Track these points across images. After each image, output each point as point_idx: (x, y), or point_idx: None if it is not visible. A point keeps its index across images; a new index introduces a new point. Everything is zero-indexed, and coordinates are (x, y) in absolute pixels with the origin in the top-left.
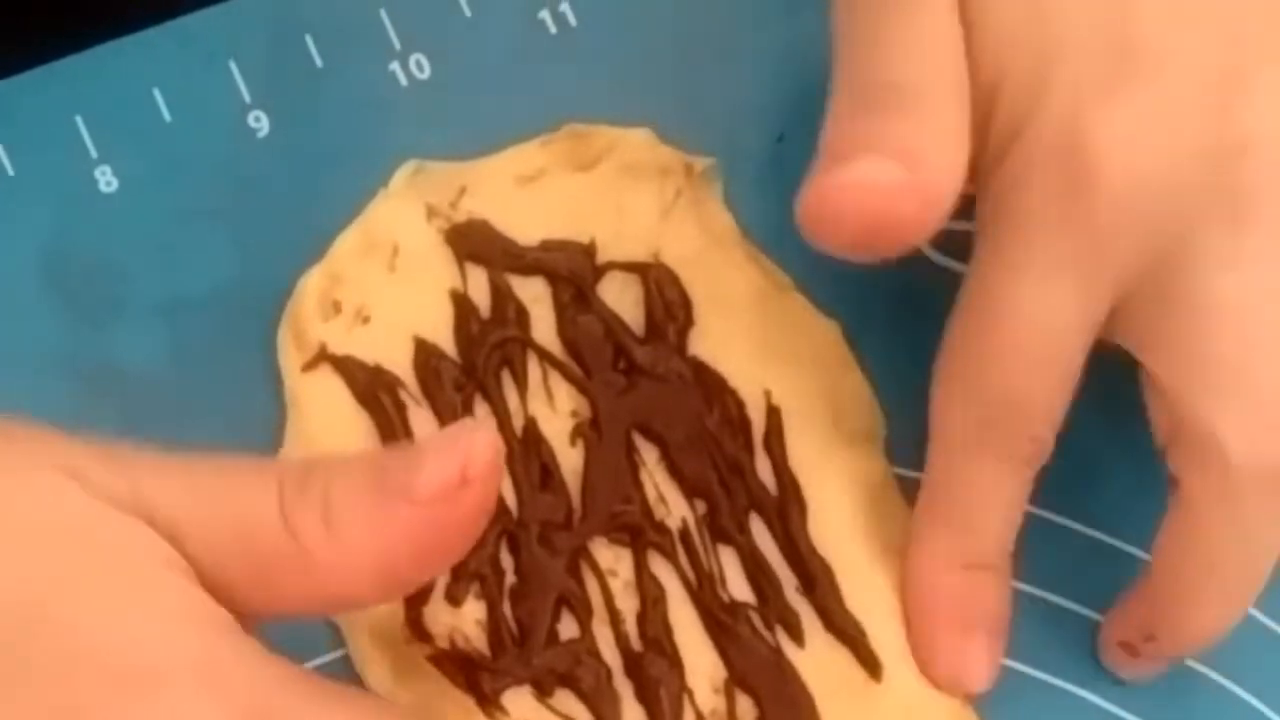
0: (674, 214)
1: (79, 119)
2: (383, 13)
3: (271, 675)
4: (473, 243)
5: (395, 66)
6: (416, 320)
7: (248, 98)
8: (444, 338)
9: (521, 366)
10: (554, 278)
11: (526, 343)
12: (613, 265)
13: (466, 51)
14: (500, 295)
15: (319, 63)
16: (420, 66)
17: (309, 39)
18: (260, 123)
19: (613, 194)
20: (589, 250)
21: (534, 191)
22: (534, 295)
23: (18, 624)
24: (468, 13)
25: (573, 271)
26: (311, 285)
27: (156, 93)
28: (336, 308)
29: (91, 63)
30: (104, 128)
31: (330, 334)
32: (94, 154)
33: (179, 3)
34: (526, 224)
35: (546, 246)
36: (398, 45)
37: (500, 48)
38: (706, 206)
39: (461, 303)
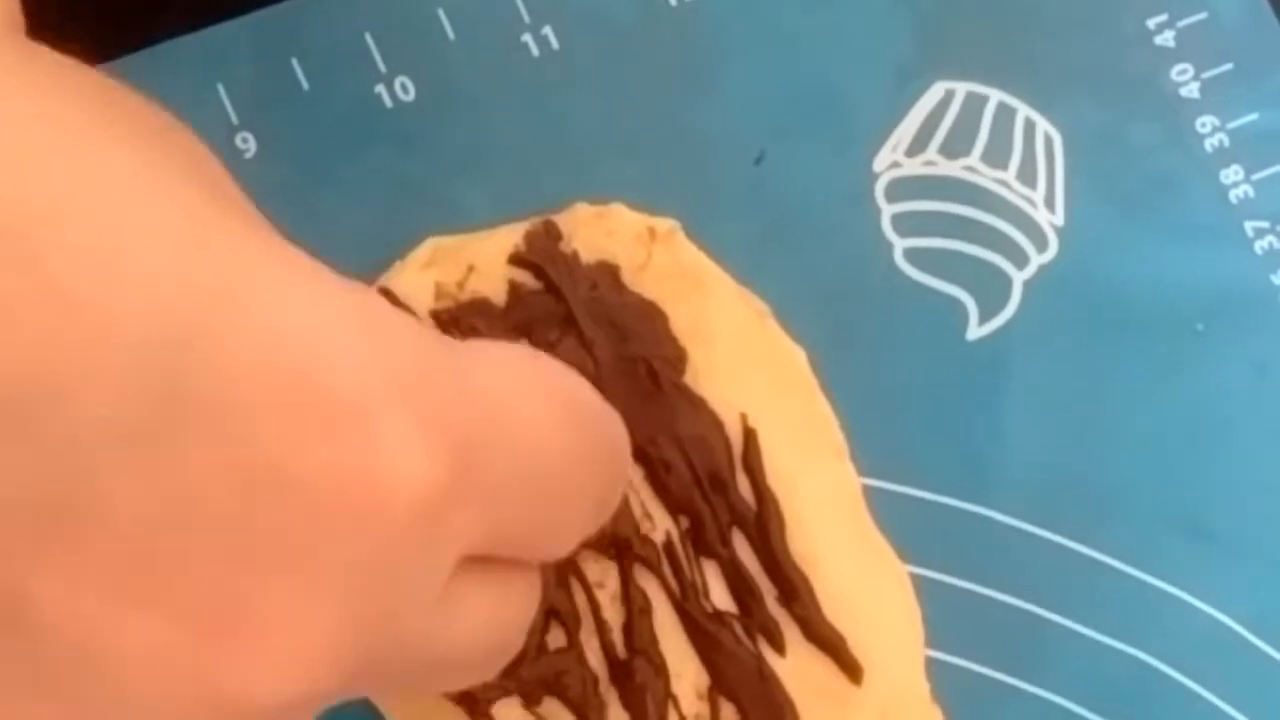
0: (650, 267)
1: None
2: (368, 36)
3: (463, 376)
4: (464, 324)
5: (380, 89)
6: None
7: (235, 119)
8: None
9: None
10: (535, 324)
11: None
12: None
13: (450, 74)
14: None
15: (305, 85)
16: (405, 89)
17: (295, 61)
18: (247, 144)
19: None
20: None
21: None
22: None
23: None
24: (451, 36)
25: (548, 311)
26: None
27: None
28: None
29: None
30: None
31: None
32: None
33: (166, 26)
34: None
35: (519, 295)
36: (383, 68)
37: (484, 71)
38: (679, 254)
39: None
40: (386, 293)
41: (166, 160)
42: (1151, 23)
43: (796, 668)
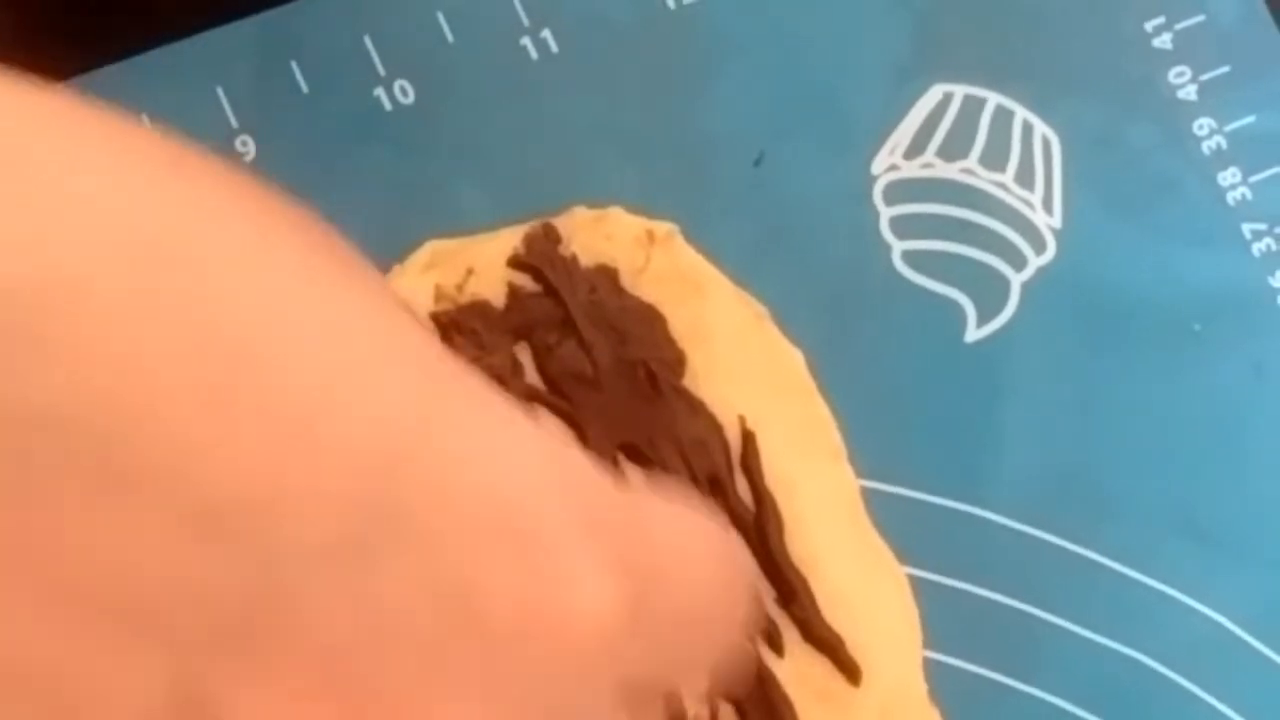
0: (648, 270)
1: None
2: (367, 39)
3: (627, 505)
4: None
5: (380, 92)
6: None
7: (235, 122)
8: None
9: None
10: (534, 327)
11: (508, 382)
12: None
13: (449, 77)
14: (489, 350)
15: (305, 88)
16: (404, 92)
17: (294, 64)
18: (247, 146)
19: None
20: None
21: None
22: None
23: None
24: (450, 39)
25: (547, 314)
26: None
27: (144, 118)
28: None
29: (79, 89)
30: None
31: None
32: None
33: (166, 29)
34: None
35: (518, 297)
36: (382, 71)
37: (483, 73)
38: (678, 257)
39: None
40: None
41: (368, 289)
42: (1149, 25)
43: (795, 669)
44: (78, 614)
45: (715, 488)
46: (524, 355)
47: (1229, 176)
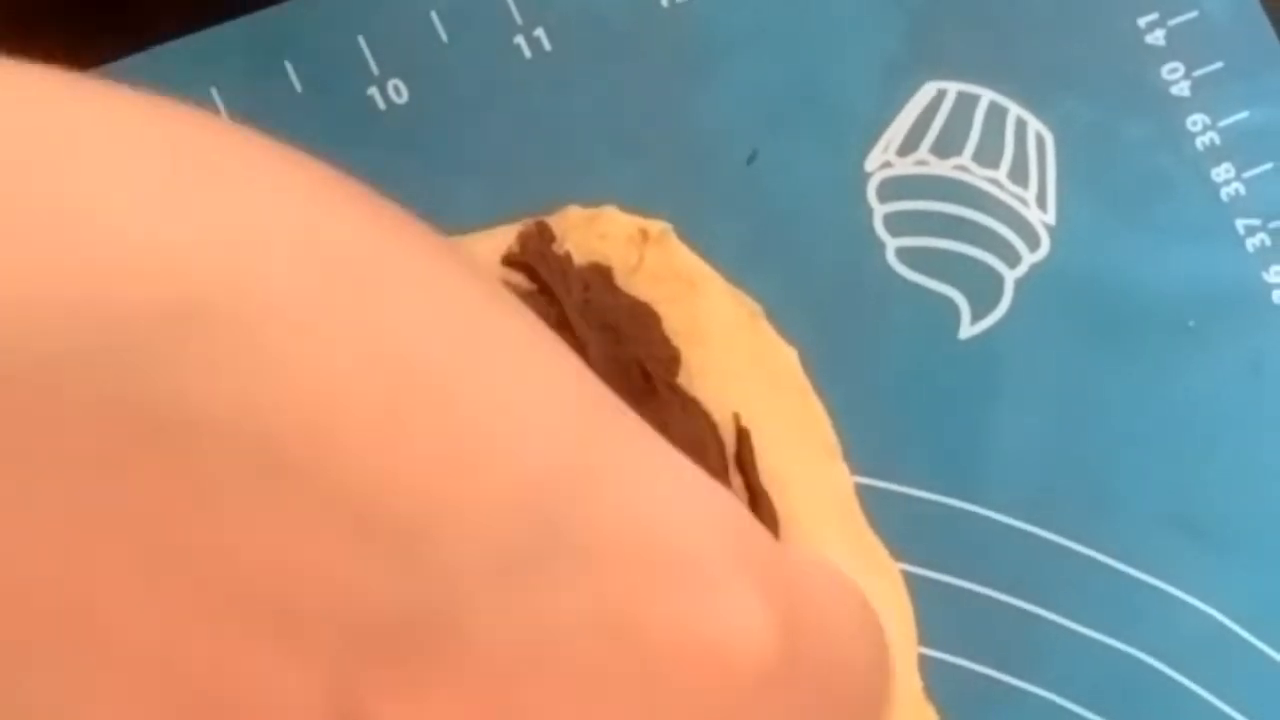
0: (642, 269)
1: None
2: (361, 39)
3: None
4: None
5: (373, 91)
6: None
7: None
8: None
9: None
10: None
11: None
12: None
13: (443, 76)
14: None
15: (298, 87)
16: (398, 91)
17: (288, 64)
18: None
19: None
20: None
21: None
22: None
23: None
24: (444, 38)
25: (541, 313)
26: None
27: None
28: None
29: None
30: None
31: None
32: None
33: (160, 29)
34: None
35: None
36: (376, 70)
37: (476, 72)
38: (672, 255)
39: None
40: None
41: (528, 320)
42: (1142, 21)
43: None
44: (241, 617)
45: None
46: None
47: (1222, 172)
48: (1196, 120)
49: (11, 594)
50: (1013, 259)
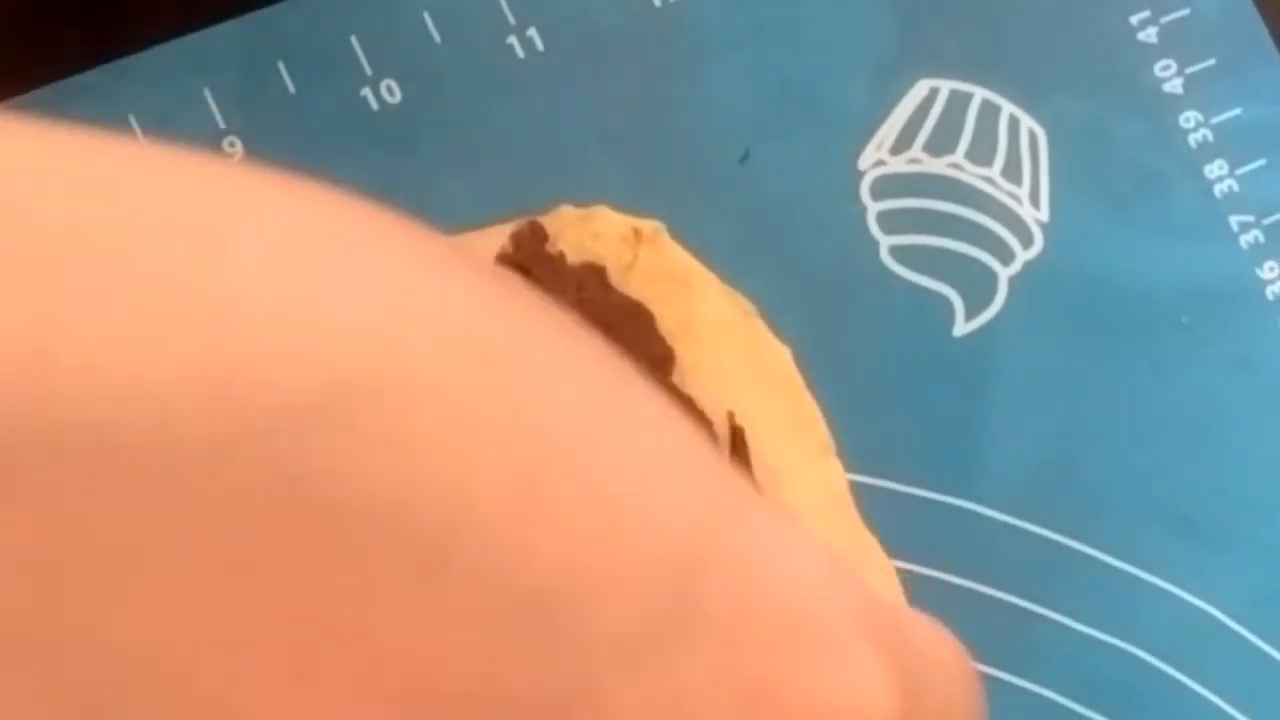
0: (636, 268)
1: None
2: (354, 40)
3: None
4: None
5: (367, 91)
6: None
7: (222, 123)
8: None
9: None
10: None
11: None
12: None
13: (436, 77)
14: None
15: (291, 88)
16: (391, 91)
17: (281, 65)
18: (235, 147)
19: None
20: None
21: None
22: None
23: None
24: (437, 39)
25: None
26: None
27: (132, 119)
28: None
29: (67, 91)
30: None
31: None
32: None
33: (153, 31)
34: None
35: None
36: (369, 71)
37: (470, 73)
38: (665, 254)
39: None
40: None
41: (651, 394)
42: (1134, 19)
43: None
44: (387, 700)
45: None
46: None
47: (1216, 169)
48: (1189, 117)
49: (162, 675)
50: (1006, 256)
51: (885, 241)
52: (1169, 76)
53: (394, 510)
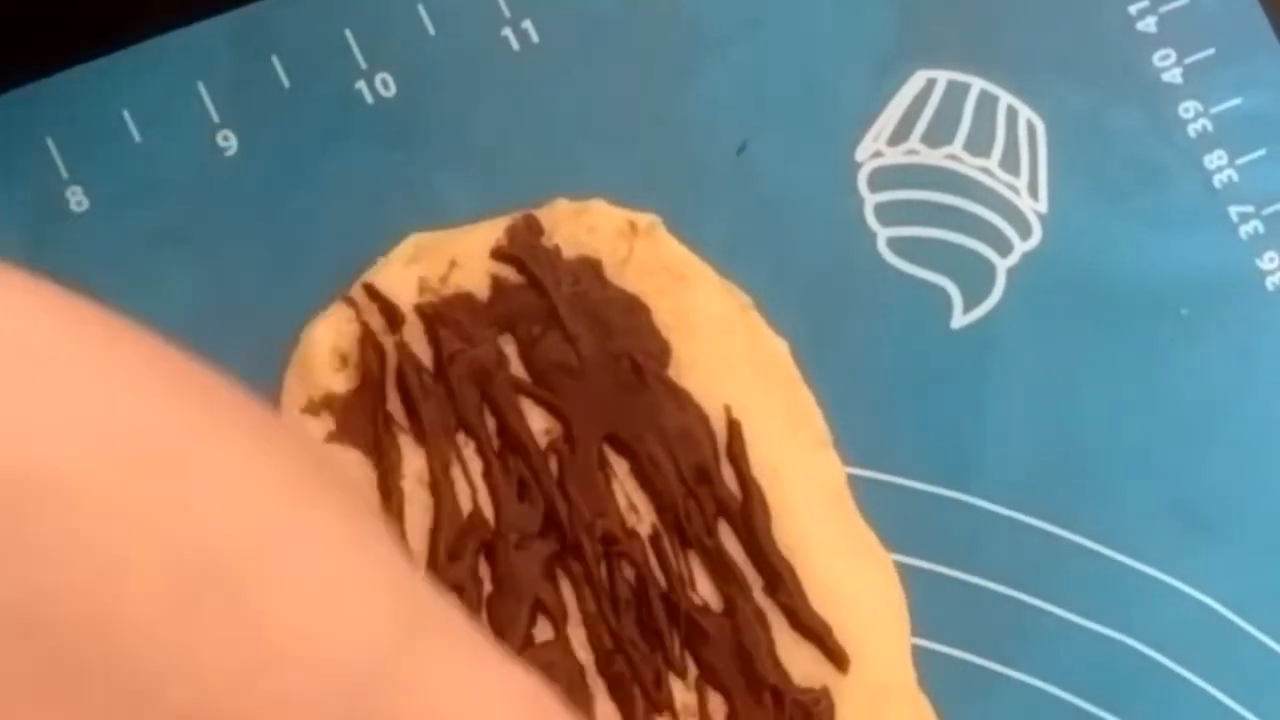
0: (632, 262)
1: (49, 140)
2: (348, 32)
3: None
4: (447, 319)
5: (361, 84)
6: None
7: (216, 118)
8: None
9: (498, 393)
10: (518, 318)
11: (493, 374)
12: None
13: (431, 70)
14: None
15: (286, 82)
16: (386, 84)
17: (275, 59)
18: (229, 142)
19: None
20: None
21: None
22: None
23: None
24: (432, 31)
25: (531, 306)
26: (319, 336)
27: (126, 114)
28: (344, 361)
29: (61, 85)
30: (74, 149)
31: (337, 385)
32: (65, 175)
33: (146, 25)
34: None
35: (502, 289)
36: (363, 64)
37: (464, 66)
38: (661, 248)
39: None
40: (370, 289)
41: (352, 510)
42: (1133, 9)
43: (783, 656)
44: None
45: (701, 477)
46: (509, 347)
47: (1215, 159)
48: (1188, 107)
49: None
50: (1004, 248)
51: (883, 233)
52: (1168, 66)
53: (30, 623)
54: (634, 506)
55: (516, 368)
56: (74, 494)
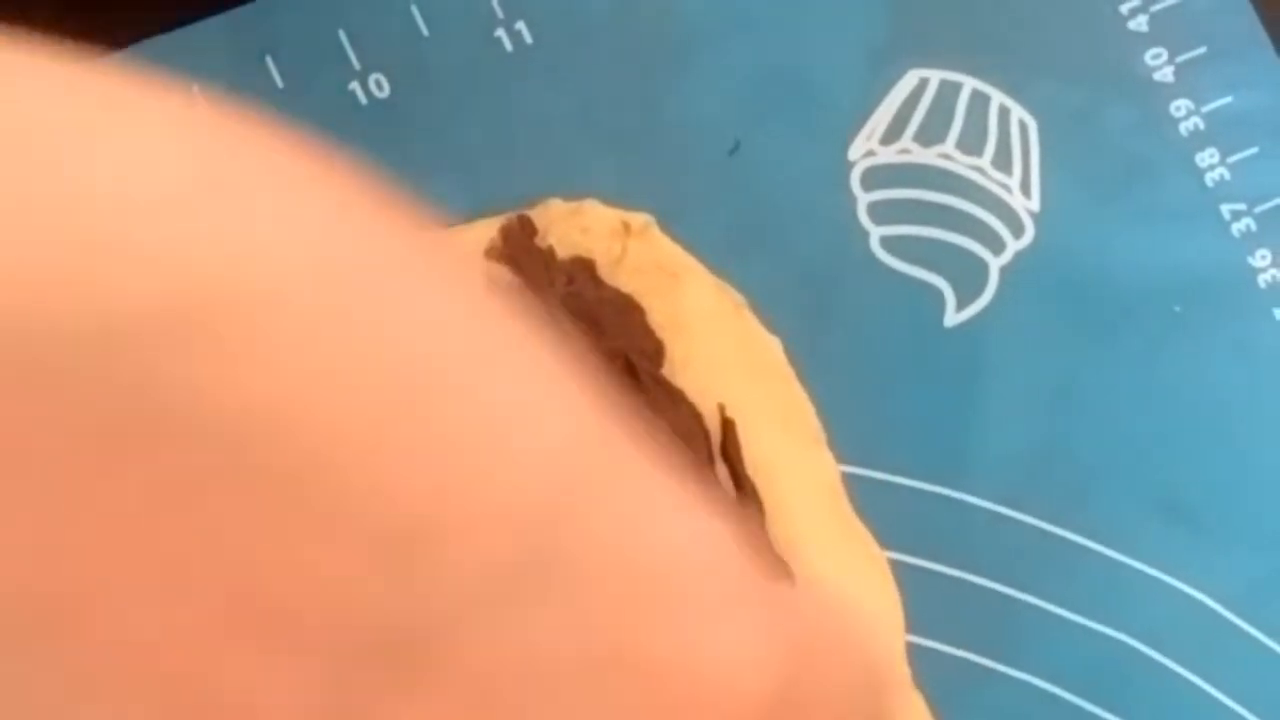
0: (625, 261)
1: None
2: (341, 33)
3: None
4: None
5: (355, 86)
6: None
7: None
8: None
9: None
10: None
11: None
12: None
13: (424, 70)
14: None
15: (279, 83)
16: (379, 85)
17: (269, 60)
18: None
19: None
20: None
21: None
22: None
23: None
24: (425, 32)
25: (525, 306)
26: None
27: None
28: None
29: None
30: None
31: None
32: None
33: (140, 26)
34: None
35: (495, 286)
36: (357, 65)
37: (458, 66)
38: (654, 247)
39: None
40: None
41: (542, 337)
42: (1124, 8)
43: None
44: (234, 618)
45: (696, 476)
46: None
47: (1207, 157)
48: (1180, 106)
49: (4, 582)
50: (997, 246)
51: (876, 232)
52: (1159, 65)
53: (248, 427)
54: None
55: None
56: (292, 308)
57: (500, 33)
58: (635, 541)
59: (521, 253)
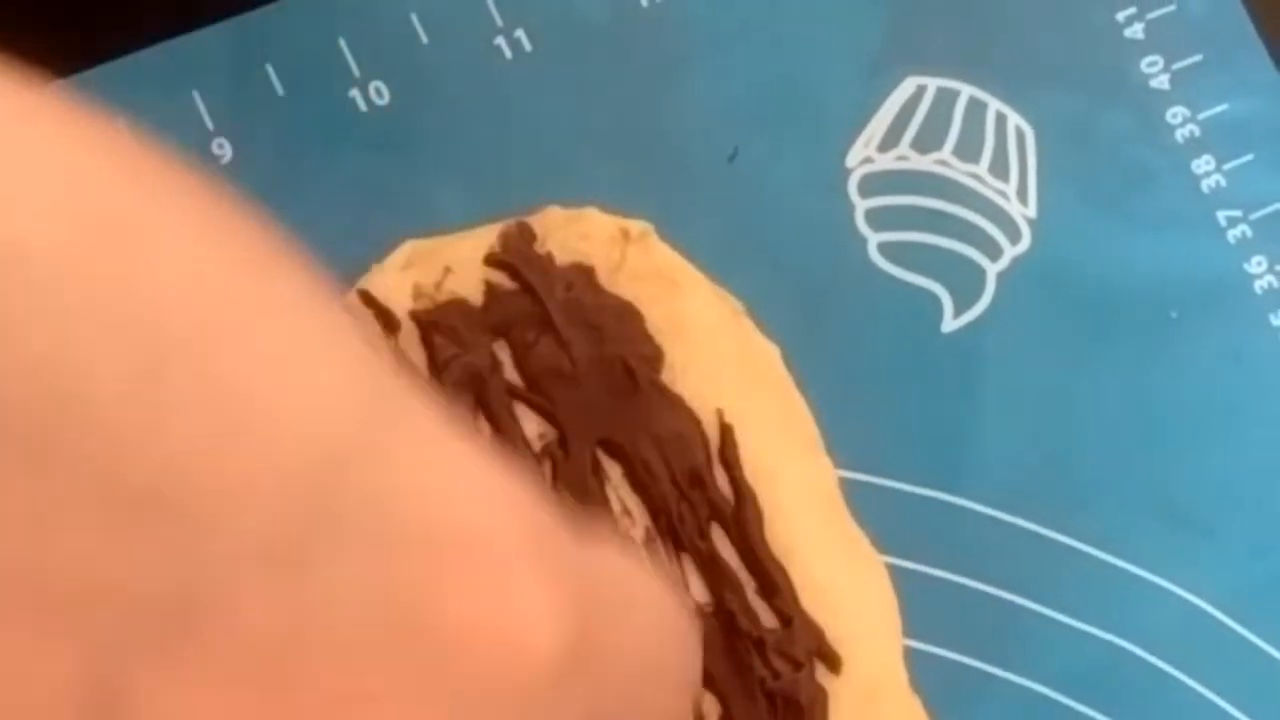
0: (625, 268)
1: None
2: (341, 41)
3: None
4: (441, 325)
5: (355, 93)
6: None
7: (211, 126)
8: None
9: (492, 398)
10: (512, 324)
11: (487, 379)
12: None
13: (424, 78)
14: (467, 347)
15: (280, 90)
16: (379, 92)
17: (270, 68)
18: (223, 150)
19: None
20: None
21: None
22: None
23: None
24: (425, 40)
25: (525, 312)
26: None
27: (121, 123)
28: None
29: (61, 95)
30: None
31: None
32: None
33: (141, 34)
34: None
35: (495, 295)
36: (357, 72)
37: (457, 74)
38: (653, 254)
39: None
40: (365, 295)
41: (323, 301)
42: (1120, 15)
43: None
44: None
45: (694, 481)
46: (503, 353)
47: (1203, 164)
48: (1176, 113)
49: None
50: (994, 252)
51: (873, 239)
52: (1155, 72)
53: None
54: (627, 510)
55: (510, 373)
56: (34, 262)
57: (500, 40)
58: (423, 501)
59: (521, 259)
